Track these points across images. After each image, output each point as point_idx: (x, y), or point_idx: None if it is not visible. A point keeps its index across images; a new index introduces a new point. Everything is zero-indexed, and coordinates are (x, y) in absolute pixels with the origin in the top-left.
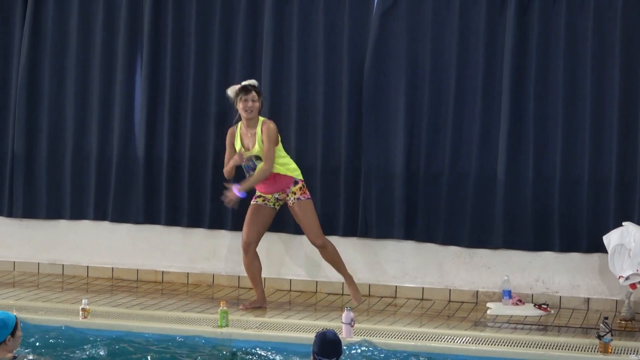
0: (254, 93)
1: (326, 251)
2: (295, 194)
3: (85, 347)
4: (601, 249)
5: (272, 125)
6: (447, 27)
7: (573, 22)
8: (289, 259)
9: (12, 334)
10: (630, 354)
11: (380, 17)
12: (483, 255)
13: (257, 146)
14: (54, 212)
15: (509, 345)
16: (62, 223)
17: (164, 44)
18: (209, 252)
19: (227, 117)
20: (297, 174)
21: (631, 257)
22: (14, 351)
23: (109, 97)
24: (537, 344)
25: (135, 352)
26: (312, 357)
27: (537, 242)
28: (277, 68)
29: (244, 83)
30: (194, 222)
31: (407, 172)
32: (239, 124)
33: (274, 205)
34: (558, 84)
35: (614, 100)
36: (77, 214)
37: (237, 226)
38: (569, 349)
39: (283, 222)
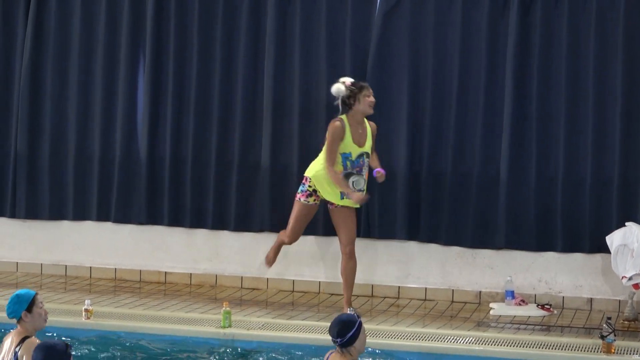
0: (370, 88)
1: (350, 263)
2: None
3: (88, 348)
4: (604, 249)
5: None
6: (450, 28)
7: (575, 23)
8: (292, 259)
9: (29, 310)
10: (633, 354)
11: (382, 17)
12: (486, 255)
13: (368, 143)
14: (56, 213)
15: (512, 345)
16: (65, 224)
17: (166, 44)
18: (212, 252)
19: (229, 117)
20: None
21: (634, 258)
22: (36, 332)
23: (111, 97)
24: (540, 344)
25: (138, 352)
26: None
27: (540, 242)
28: (279, 68)
29: (351, 80)
30: (197, 222)
31: (409, 172)
32: (344, 118)
33: (319, 202)
34: (560, 84)
35: (617, 101)
36: (80, 215)
37: (240, 227)
38: (572, 350)
39: (285, 222)
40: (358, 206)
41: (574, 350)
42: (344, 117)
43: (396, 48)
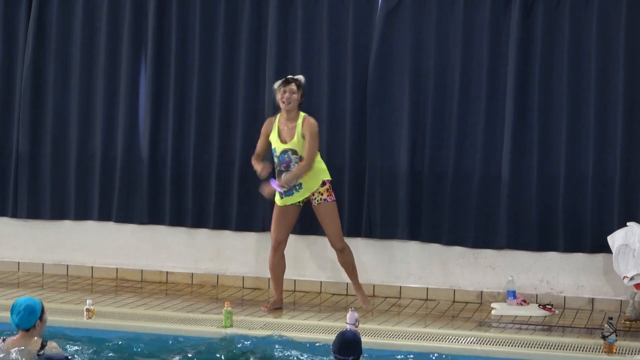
0: (293, 85)
1: (344, 255)
2: (322, 194)
3: (90, 347)
4: (605, 249)
5: (314, 122)
6: (452, 28)
7: (577, 23)
8: (294, 259)
9: (40, 317)
10: (635, 354)
11: (384, 17)
12: (487, 255)
13: (295, 140)
14: (58, 213)
15: (514, 345)
16: (67, 223)
17: (168, 44)
18: (214, 252)
19: (231, 117)
20: (326, 174)
21: (635, 257)
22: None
23: (113, 97)
24: (542, 344)
25: (140, 352)
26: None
27: (542, 242)
28: (281, 68)
29: (288, 78)
30: (199, 222)
31: (411, 172)
32: (278, 115)
33: (299, 203)
34: (562, 84)
35: (619, 101)
36: (82, 215)
37: (241, 226)
38: (573, 350)
39: None
40: (297, 200)
41: (576, 350)
42: (279, 114)
43: (398, 48)
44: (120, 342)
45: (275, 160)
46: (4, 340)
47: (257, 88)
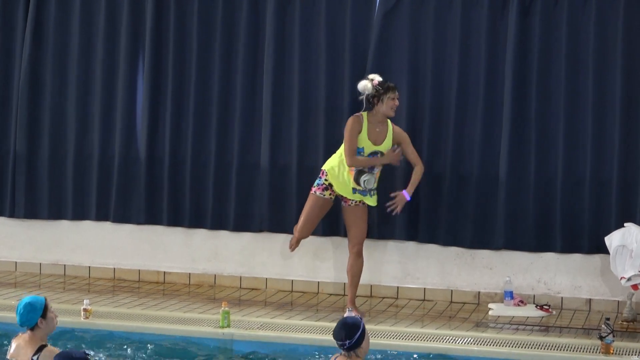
0: (396, 91)
1: (358, 261)
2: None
3: (87, 347)
4: (603, 250)
5: (405, 132)
6: (449, 29)
7: (575, 24)
8: (291, 259)
9: (43, 315)
10: (632, 355)
11: (382, 18)
12: (485, 256)
13: (385, 143)
14: (55, 213)
15: (511, 346)
16: (64, 223)
17: (165, 44)
18: (211, 252)
19: (228, 117)
20: None
21: (633, 258)
22: (48, 336)
23: (110, 97)
24: (539, 345)
25: (137, 352)
26: None
27: (539, 243)
28: (279, 68)
29: (379, 79)
30: (196, 222)
31: (408, 172)
32: (364, 114)
33: (334, 198)
34: (560, 85)
35: (616, 102)
36: (79, 215)
37: (239, 227)
38: (570, 350)
39: (287, 223)
40: (373, 204)
41: (573, 351)
42: (364, 113)
43: (395, 48)
44: (117, 342)
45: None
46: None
47: (254, 89)
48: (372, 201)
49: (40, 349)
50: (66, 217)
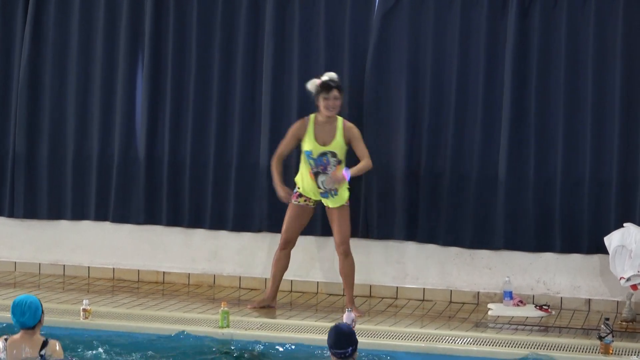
0: (336, 92)
1: (347, 261)
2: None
3: (86, 347)
4: (602, 250)
5: (356, 128)
6: (449, 29)
7: (574, 24)
8: (291, 260)
9: (43, 311)
10: (631, 355)
11: (381, 18)
12: (484, 256)
13: (335, 142)
14: (55, 213)
15: (510, 346)
16: (63, 223)
17: (165, 44)
18: (210, 252)
19: (228, 117)
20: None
21: (632, 258)
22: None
23: (110, 97)
24: (538, 345)
25: (136, 352)
26: (330, 353)
27: (538, 243)
28: (278, 68)
29: (325, 78)
30: (195, 222)
31: (408, 172)
32: (312, 117)
33: (313, 205)
34: (559, 85)
35: (615, 102)
36: (79, 215)
37: (238, 227)
38: (570, 350)
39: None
40: (332, 205)
41: (572, 351)
42: (312, 115)
43: (395, 48)
44: (116, 342)
45: (310, 162)
46: (6, 339)
47: (254, 89)
48: (332, 202)
49: (44, 344)
50: (65, 217)
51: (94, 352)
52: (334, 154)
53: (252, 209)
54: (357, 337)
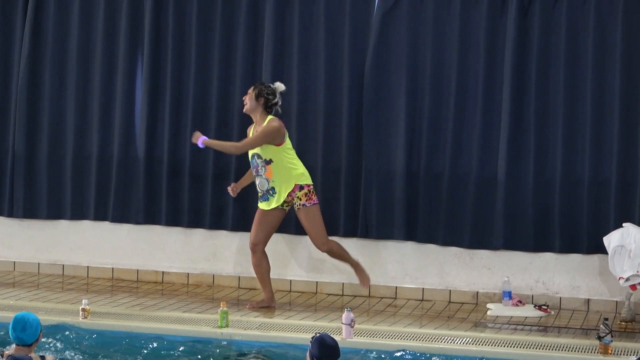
0: (249, 90)
1: (332, 253)
2: (300, 199)
3: (85, 347)
4: (601, 250)
5: (274, 123)
6: (448, 29)
7: (573, 24)
8: (290, 259)
9: (41, 330)
10: (630, 355)
11: (381, 18)
12: (483, 256)
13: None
14: (54, 212)
15: (509, 346)
16: (63, 223)
17: (164, 44)
18: (210, 252)
19: (227, 117)
20: (303, 179)
21: (631, 258)
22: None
23: (109, 97)
24: (537, 345)
25: (135, 352)
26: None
27: (538, 243)
28: (277, 68)
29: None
30: (195, 222)
31: (407, 172)
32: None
33: (282, 206)
34: (559, 85)
35: (615, 102)
36: (78, 214)
37: (237, 227)
38: (569, 350)
39: (284, 222)
40: (266, 208)
41: (571, 351)
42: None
43: (394, 48)
44: (116, 342)
45: (251, 163)
46: (1, 355)
47: None
48: (264, 205)
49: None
50: (65, 217)
51: (93, 352)
52: (259, 156)
53: (252, 209)
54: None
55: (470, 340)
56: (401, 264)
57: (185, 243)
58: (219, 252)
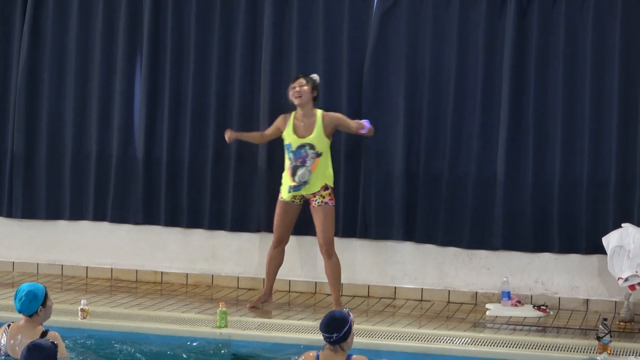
0: (301, 79)
1: (331, 262)
2: (323, 197)
3: (85, 347)
4: (600, 250)
5: (335, 113)
6: (447, 28)
7: (572, 24)
8: (289, 259)
9: (43, 304)
10: (629, 355)
11: (380, 18)
12: (482, 256)
13: (314, 134)
14: (53, 213)
15: (508, 346)
16: (62, 223)
17: (163, 44)
18: (209, 252)
19: (226, 117)
20: (331, 180)
21: (630, 259)
22: (44, 324)
23: (108, 97)
24: (536, 345)
25: (134, 352)
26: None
27: (537, 243)
28: (276, 68)
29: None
30: (194, 222)
31: (406, 173)
32: (293, 113)
33: (300, 202)
34: (557, 85)
35: (613, 102)
36: (77, 215)
37: (236, 227)
38: (567, 350)
39: None
40: (303, 193)
41: (570, 351)
42: (294, 111)
43: (393, 48)
44: (114, 342)
45: (290, 155)
46: (9, 325)
47: (252, 88)
48: (305, 190)
49: (43, 335)
50: (64, 217)
51: (92, 352)
52: (312, 146)
53: (251, 209)
54: (349, 329)
55: (469, 341)
56: (400, 264)
57: (185, 243)
58: (218, 253)
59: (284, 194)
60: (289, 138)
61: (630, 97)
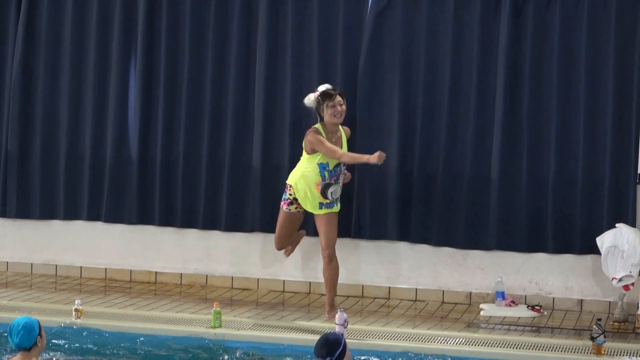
0: (339, 97)
1: (331, 266)
2: None
3: (78, 347)
4: (594, 250)
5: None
6: (441, 29)
7: (567, 25)
8: (283, 259)
9: (40, 334)
10: (623, 355)
11: (374, 18)
12: (477, 256)
13: (344, 150)
14: (47, 213)
15: (502, 346)
16: (56, 223)
17: (158, 44)
18: (203, 252)
19: (220, 118)
20: None
21: (624, 259)
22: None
23: (103, 97)
24: (530, 345)
25: (128, 353)
26: None
27: (531, 243)
28: (271, 68)
29: (322, 89)
30: (188, 222)
31: (401, 173)
32: (319, 127)
33: (303, 211)
34: (552, 85)
35: (608, 102)
36: (71, 215)
37: (231, 227)
38: (562, 351)
39: (276, 222)
40: (338, 209)
41: (564, 351)
42: (319, 125)
43: (388, 48)
44: (109, 343)
45: (325, 174)
46: None
47: (246, 89)
48: (337, 208)
49: None
50: (58, 217)
51: (86, 352)
52: (344, 163)
53: (245, 209)
54: (343, 351)
55: (463, 341)
56: (394, 264)
57: (179, 243)
58: (212, 253)
59: (308, 207)
60: (327, 157)
61: (624, 97)
